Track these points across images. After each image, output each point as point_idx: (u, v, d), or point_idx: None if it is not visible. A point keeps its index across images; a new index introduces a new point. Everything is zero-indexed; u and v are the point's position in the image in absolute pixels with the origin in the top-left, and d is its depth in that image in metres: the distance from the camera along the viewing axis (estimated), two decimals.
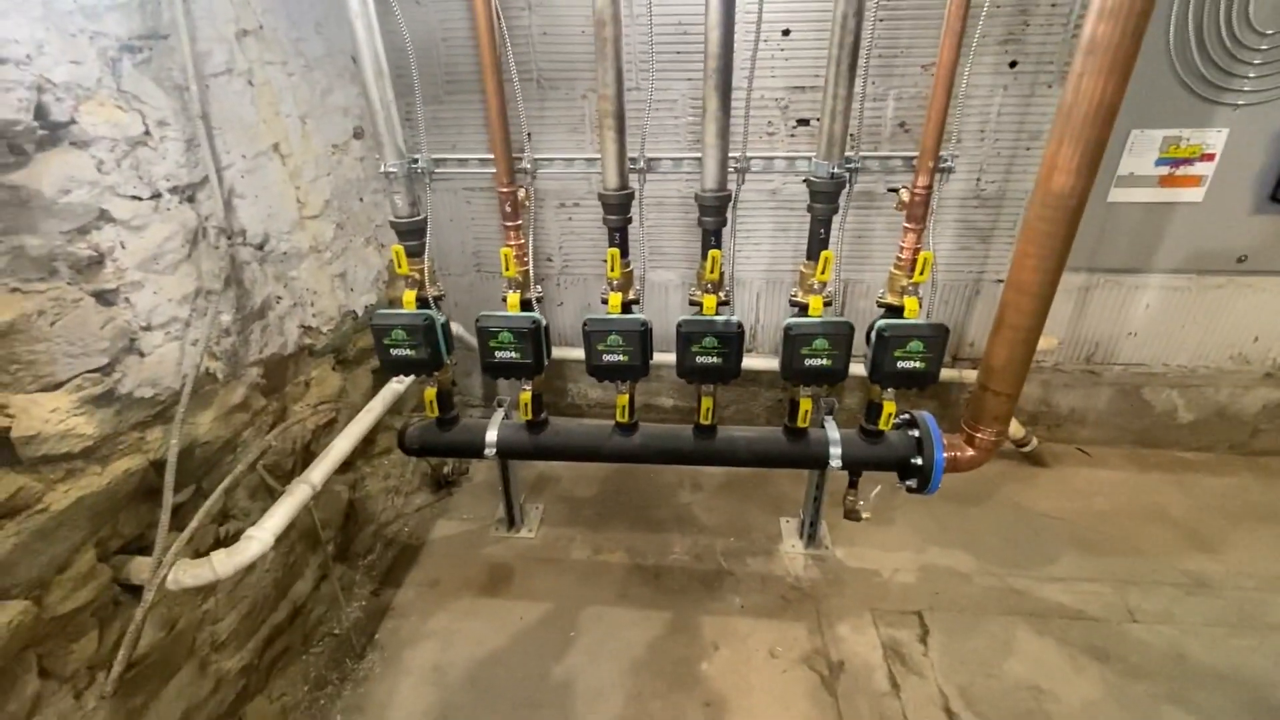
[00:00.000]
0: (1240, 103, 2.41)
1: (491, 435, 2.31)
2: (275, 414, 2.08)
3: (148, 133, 1.57)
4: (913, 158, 1.99)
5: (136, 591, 1.54)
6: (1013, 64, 2.45)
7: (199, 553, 1.68)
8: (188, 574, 1.56)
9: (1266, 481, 3.01)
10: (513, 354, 2.03)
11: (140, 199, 1.55)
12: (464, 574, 2.59)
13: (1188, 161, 2.54)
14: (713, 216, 1.94)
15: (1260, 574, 2.52)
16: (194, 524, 1.59)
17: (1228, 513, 2.83)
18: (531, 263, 2.11)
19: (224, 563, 1.60)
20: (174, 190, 1.64)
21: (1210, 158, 2.52)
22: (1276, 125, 2.43)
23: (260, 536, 1.68)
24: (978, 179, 2.68)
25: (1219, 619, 2.35)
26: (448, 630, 2.35)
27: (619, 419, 2.24)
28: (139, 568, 1.54)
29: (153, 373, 1.58)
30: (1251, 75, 2.35)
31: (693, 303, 2.04)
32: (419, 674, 2.20)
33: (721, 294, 2.00)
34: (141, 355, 1.56)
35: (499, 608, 2.44)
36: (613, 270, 1.99)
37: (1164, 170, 2.56)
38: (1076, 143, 1.60)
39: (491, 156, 2.00)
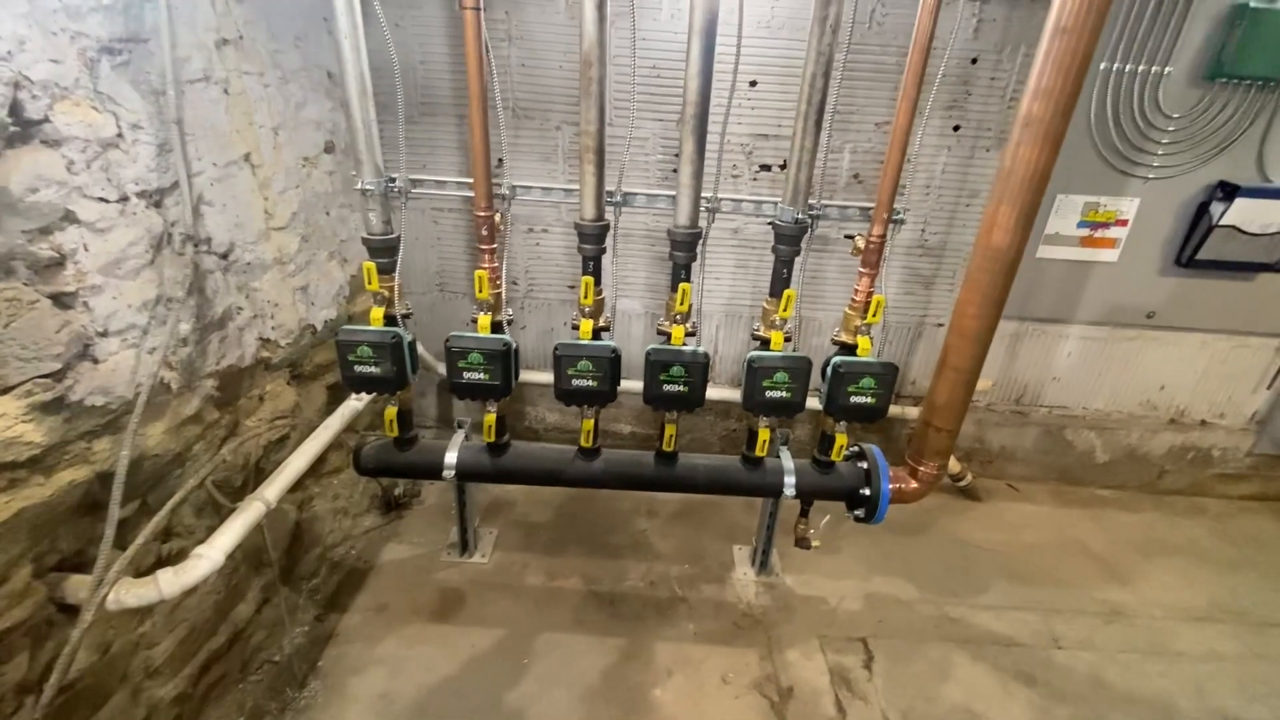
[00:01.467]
0: (1150, 176, 2.70)
1: (451, 457, 2.29)
2: (228, 428, 2.01)
3: (120, 135, 1.54)
4: (867, 207, 2.14)
5: (72, 611, 1.45)
6: (956, 128, 2.68)
7: (140, 572, 1.60)
8: (130, 593, 1.49)
9: (1171, 519, 3.28)
10: (482, 375, 2.04)
11: (107, 201, 1.51)
12: (414, 599, 2.53)
13: (1105, 225, 2.81)
14: (684, 251, 2.02)
15: (1167, 604, 2.74)
16: (140, 540, 1.52)
17: (1139, 547, 3.07)
18: (504, 286, 2.13)
19: (171, 582, 1.53)
20: (142, 194, 1.61)
21: (1124, 223, 2.80)
22: (1181, 197, 2.74)
23: (210, 555, 1.62)
24: (923, 230, 2.89)
25: (1133, 646, 2.53)
26: (396, 657, 2.29)
27: (582, 443, 2.27)
28: (76, 586, 1.46)
29: (106, 380, 1.53)
30: (1160, 153, 2.65)
31: (660, 332, 2.11)
32: (365, 702, 2.12)
33: (689, 325, 2.08)
34: (96, 362, 1.51)
35: (450, 634, 2.39)
36: (585, 297, 2.04)
37: (1084, 232, 2.83)
38: (1014, 204, 1.77)
39: (470, 180, 2.03)
